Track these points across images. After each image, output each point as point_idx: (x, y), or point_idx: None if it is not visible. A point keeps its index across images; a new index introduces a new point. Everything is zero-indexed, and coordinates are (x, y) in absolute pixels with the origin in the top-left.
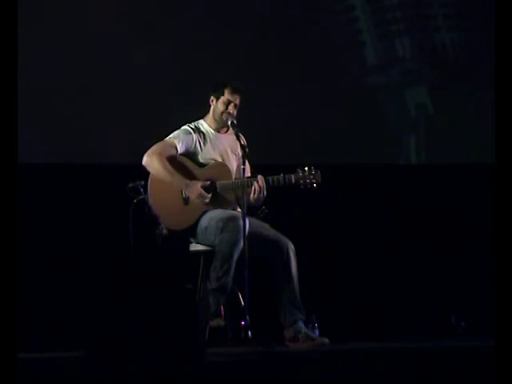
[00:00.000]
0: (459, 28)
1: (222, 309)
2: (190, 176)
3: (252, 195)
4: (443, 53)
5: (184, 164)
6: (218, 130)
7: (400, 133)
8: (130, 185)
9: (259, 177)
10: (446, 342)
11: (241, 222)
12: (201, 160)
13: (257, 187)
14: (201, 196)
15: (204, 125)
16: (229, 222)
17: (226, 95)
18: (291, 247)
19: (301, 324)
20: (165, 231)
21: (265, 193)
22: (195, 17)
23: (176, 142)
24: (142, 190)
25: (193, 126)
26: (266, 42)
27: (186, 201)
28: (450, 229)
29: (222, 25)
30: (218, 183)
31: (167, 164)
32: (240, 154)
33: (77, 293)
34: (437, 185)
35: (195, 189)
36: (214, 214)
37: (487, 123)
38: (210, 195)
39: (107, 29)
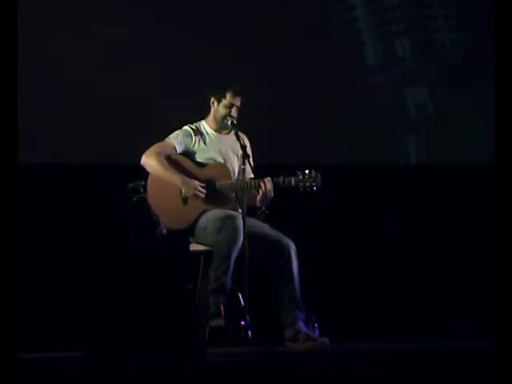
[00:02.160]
0: (459, 28)
1: (222, 309)
2: (189, 176)
3: (259, 196)
4: (443, 53)
5: (183, 164)
6: (218, 131)
7: (400, 133)
8: (130, 185)
9: (267, 178)
10: (446, 342)
11: (238, 222)
12: (201, 161)
13: (263, 188)
14: (198, 192)
15: (205, 126)
16: (226, 222)
17: (228, 98)
18: (292, 247)
19: (301, 323)
20: (165, 231)
21: (272, 195)
22: (195, 17)
23: (175, 142)
24: (142, 189)
25: (194, 127)
26: (266, 42)
27: (185, 200)
28: (450, 229)
29: (221, 25)
30: (217, 184)
31: (165, 162)
32: (241, 154)
33: (77, 293)
34: (437, 185)
35: (192, 185)
36: (212, 214)
37: (487, 123)
38: (205, 191)
39: (107, 29)
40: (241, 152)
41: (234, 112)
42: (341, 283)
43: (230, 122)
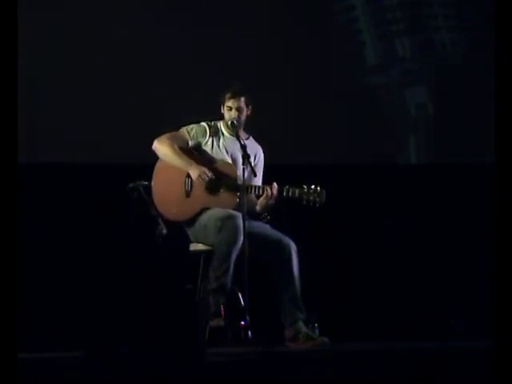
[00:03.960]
0: (459, 28)
1: (222, 309)
2: None
3: (262, 199)
4: (443, 53)
5: (193, 157)
6: (232, 134)
7: (400, 133)
8: (130, 185)
9: (274, 185)
10: (446, 341)
11: (239, 222)
12: (209, 158)
13: (269, 193)
14: (204, 174)
15: (222, 126)
16: (227, 221)
17: (226, 102)
18: (293, 247)
19: (301, 324)
20: (165, 231)
21: (274, 201)
22: (195, 16)
23: (188, 136)
24: (142, 189)
25: (211, 124)
26: (266, 42)
27: (188, 194)
28: (450, 229)
29: (222, 25)
30: (222, 182)
31: (177, 148)
32: (253, 158)
33: (76, 293)
34: (437, 185)
35: (200, 169)
36: (213, 213)
37: (487, 123)
38: (210, 176)
39: (107, 28)
40: (241, 152)
41: (233, 114)
42: (341, 283)
43: (230, 123)
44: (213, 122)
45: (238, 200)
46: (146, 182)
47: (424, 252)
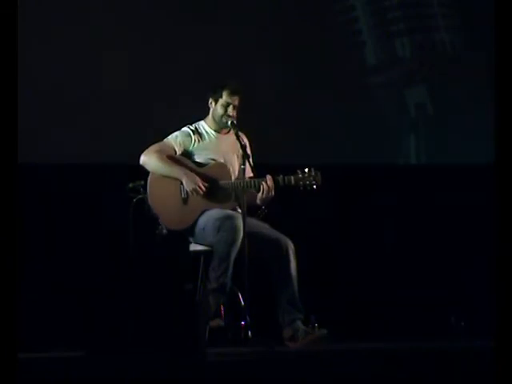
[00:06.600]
0: (459, 28)
1: (222, 309)
2: None
3: (260, 194)
4: (443, 53)
5: (184, 163)
6: (218, 131)
7: (400, 133)
8: (130, 185)
9: (268, 177)
10: (446, 342)
11: (238, 221)
12: (200, 161)
13: (265, 187)
14: (198, 188)
15: (204, 126)
16: (226, 222)
17: (225, 97)
18: (291, 247)
19: (299, 323)
20: (165, 231)
21: (273, 193)
22: (195, 16)
23: (174, 143)
24: (142, 190)
25: (192, 128)
26: (266, 41)
27: (185, 201)
28: (450, 229)
29: (220, 24)
30: (218, 183)
31: (165, 158)
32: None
33: (77, 293)
34: (437, 185)
35: (194, 180)
36: (212, 214)
37: (487, 123)
38: (205, 189)
39: (107, 29)
40: (240, 152)
41: (230, 111)
42: (340, 283)
43: (230, 122)
44: (194, 126)
45: (233, 197)
46: (142, 195)
47: (424, 252)
